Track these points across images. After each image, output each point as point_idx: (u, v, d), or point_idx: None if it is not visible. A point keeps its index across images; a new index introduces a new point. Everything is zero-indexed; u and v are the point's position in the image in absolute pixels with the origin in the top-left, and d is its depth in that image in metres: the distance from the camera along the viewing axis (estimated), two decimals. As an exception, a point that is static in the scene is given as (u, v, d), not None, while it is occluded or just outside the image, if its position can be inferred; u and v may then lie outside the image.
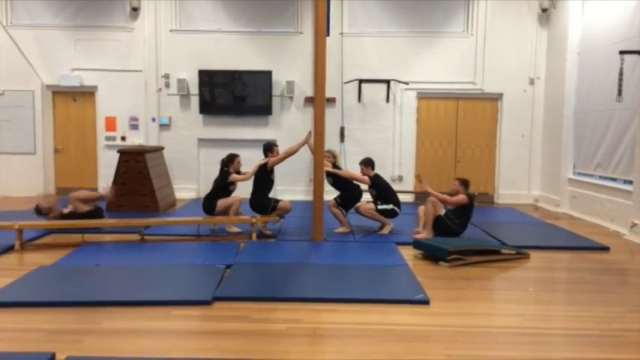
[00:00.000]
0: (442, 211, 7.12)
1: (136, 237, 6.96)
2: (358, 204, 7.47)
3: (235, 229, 7.36)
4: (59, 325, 4.10)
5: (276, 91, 10.51)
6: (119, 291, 4.92)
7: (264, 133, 10.46)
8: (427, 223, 7.08)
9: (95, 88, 10.62)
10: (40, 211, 7.14)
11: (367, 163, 7.44)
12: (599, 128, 8.70)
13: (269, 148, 7.32)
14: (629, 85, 7.73)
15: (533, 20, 10.41)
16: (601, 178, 8.73)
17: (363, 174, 7.41)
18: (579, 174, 9.43)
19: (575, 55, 9.47)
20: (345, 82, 10.44)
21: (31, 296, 4.70)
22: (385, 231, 7.35)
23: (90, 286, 5.04)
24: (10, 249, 6.34)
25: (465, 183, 7.10)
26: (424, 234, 7.04)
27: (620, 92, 7.76)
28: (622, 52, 7.69)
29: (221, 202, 7.26)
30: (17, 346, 3.71)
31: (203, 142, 10.65)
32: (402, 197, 9.93)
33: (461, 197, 6.98)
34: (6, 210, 8.64)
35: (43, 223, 7.07)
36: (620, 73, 7.71)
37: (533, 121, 10.59)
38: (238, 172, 7.38)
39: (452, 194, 7.10)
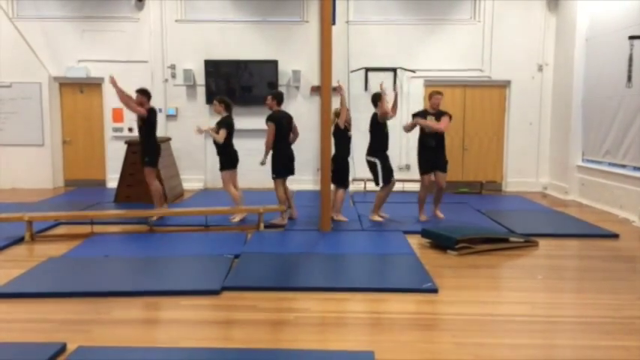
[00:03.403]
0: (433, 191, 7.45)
1: (144, 228, 7.00)
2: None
3: (238, 218, 7.38)
4: (69, 316, 4.14)
5: (283, 80, 10.48)
6: (128, 281, 4.95)
7: (271, 123, 10.45)
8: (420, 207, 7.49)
9: (102, 79, 10.60)
10: None
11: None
12: (608, 115, 8.62)
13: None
14: (638, 71, 7.64)
15: (542, 6, 10.29)
16: (610, 165, 8.66)
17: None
18: (588, 161, 9.36)
19: (584, 41, 9.36)
20: (352, 71, 10.38)
21: (42, 287, 4.73)
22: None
23: (99, 277, 5.07)
24: (20, 240, 6.39)
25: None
26: (425, 217, 7.45)
27: (629, 78, 7.68)
28: (631, 38, 7.61)
29: None
30: (28, 336, 3.74)
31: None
32: (409, 186, 10.01)
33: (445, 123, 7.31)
34: (15, 202, 8.69)
35: (52, 214, 7.11)
36: (630, 59, 7.63)
37: (541, 108, 10.51)
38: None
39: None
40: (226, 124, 7.28)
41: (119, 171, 9.08)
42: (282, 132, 7.13)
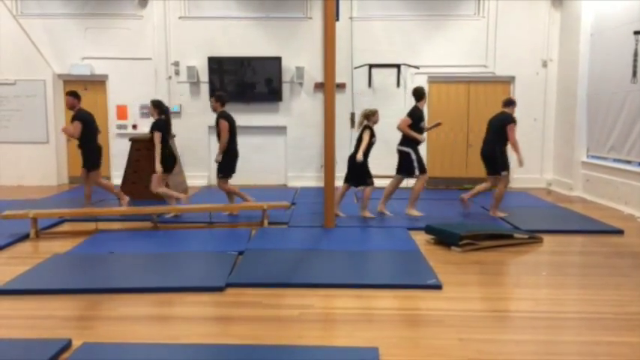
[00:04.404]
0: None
1: (148, 224, 7.02)
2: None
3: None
4: (74, 312, 4.16)
5: (286, 77, 10.47)
6: (133, 278, 4.97)
7: (275, 120, 10.45)
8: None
9: (106, 76, 10.65)
10: None
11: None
12: (613, 110, 8.58)
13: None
14: (644, 66, 7.61)
15: (546, 2, 10.24)
16: (615, 160, 8.63)
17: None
18: (593, 157, 9.33)
19: (589, 36, 9.31)
20: (355, 67, 10.37)
21: (47, 284, 4.75)
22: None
23: (104, 274, 5.10)
24: (25, 237, 6.41)
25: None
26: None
27: (634, 73, 7.65)
28: (636, 33, 7.57)
29: None
30: (33, 332, 3.77)
31: (214, 129, 10.58)
32: (413, 183, 9.96)
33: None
34: (20, 199, 8.72)
35: (57, 211, 7.14)
36: (635, 54, 7.60)
37: (545, 104, 10.47)
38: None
39: None
40: (158, 126, 7.37)
41: (123, 168, 9.11)
42: (232, 131, 7.33)
